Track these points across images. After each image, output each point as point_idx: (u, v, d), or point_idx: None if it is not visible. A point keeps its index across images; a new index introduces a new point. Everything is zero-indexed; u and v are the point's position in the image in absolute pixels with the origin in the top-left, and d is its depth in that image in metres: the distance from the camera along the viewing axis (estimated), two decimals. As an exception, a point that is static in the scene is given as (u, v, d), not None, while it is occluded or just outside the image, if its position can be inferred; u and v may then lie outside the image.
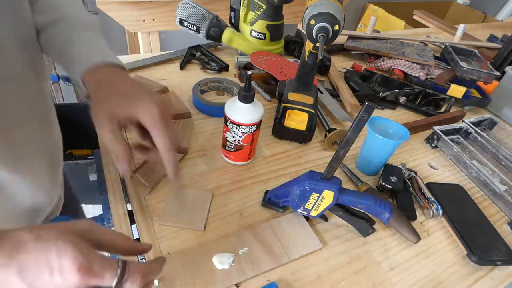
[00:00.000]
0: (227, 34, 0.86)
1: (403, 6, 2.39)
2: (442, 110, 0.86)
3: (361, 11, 2.48)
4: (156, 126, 0.39)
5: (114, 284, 0.27)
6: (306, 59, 0.61)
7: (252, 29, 0.86)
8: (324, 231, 0.52)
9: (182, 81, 0.80)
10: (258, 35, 0.87)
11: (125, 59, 0.82)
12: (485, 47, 1.27)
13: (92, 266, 0.25)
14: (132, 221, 0.49)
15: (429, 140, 0.75)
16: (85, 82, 0.42)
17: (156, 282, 0.41)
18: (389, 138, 0.58)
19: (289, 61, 0.86)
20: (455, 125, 0.78)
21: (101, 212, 0.52)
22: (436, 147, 0.75)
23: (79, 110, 1.52)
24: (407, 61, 0.98)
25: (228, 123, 0.54)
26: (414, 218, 0.57)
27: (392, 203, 0.59)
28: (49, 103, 0.51)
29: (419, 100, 0.87)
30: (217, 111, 0.70)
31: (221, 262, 0.44)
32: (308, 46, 0.58)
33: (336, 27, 0.51)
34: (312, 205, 0.48)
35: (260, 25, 0.85)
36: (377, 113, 0.83)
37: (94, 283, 0.26)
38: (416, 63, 0.97)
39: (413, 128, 0.76)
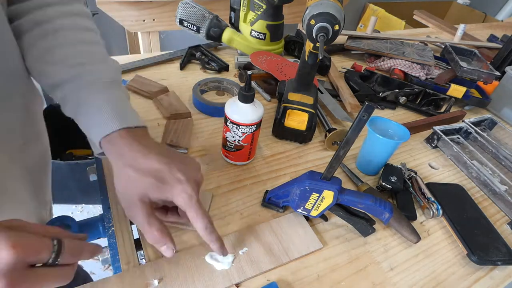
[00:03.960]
0: (227, 34, 0.86)
1: (403, 6, 2.39)
2: (442, 110, 0.86)
3: (361, 11, 2.48)
4: (191, 208, 0.38)
5: (52, 259, 0.29)
6: (306, 59, 0.61)
7: (252, 29, 0.86)
8: (324, 231, 0.52)
9: (182, 81, 0.80)
10: (258, 35, 0.86)
11: (125, 59, 0.82)
12: (485, 47, 1.27)
13: (27, 243, 0.27)
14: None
15: (429, 140, 0.75)
16: (103, 149, 0.40)
17: (156, 282, 0.41)
18: (389, 138, 0.58)
19: (289, 61, 0.86)
20: (455, 125, 0.78)
21: (101, 212, 0.52)
22: (436, 147, 0.75)
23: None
24: (407, 61, 0.98)
25: (228, 123, 0.54)
26: (414, 218, 0.57)
27: (392, 203, 0.59)
28: (38, 128, 0.52)
29: (419, 100, 0.87)
30: (217, 111, 0.70)
31: (215, 260, 0.44)
32: (308, 46, 0.58)
33: (336, 27, 0.51)
34: (312, 205, 0.48)
35: (260, 25, 0.85)
36: (377, 113, 0.83)
37: (32, 259, 0.28)
38: (416, 63, 0.97)
39: (413, 128, 0.76)
